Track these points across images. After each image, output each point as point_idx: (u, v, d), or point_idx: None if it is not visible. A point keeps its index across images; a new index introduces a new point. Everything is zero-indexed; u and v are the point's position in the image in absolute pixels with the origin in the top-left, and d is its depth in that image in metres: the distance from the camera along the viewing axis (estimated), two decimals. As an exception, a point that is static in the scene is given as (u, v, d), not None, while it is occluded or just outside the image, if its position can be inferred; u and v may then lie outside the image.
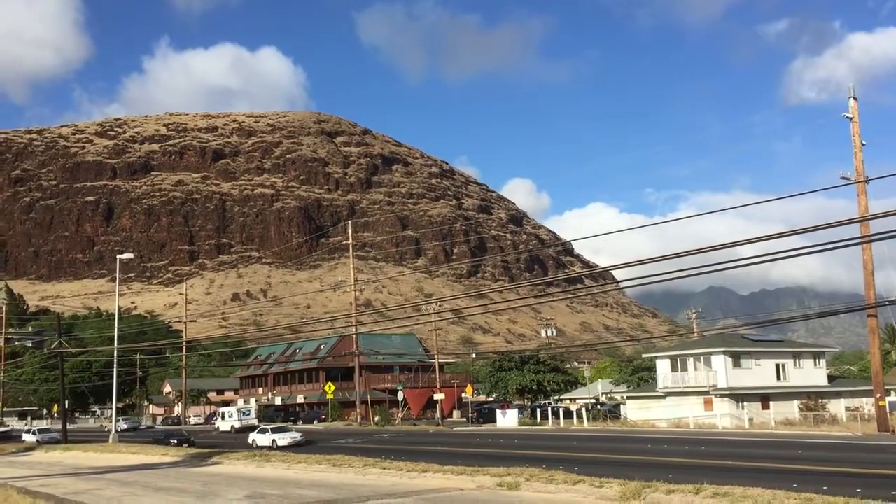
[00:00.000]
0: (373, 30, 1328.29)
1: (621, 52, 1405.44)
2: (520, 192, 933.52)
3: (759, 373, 67.79)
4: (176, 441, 59.31)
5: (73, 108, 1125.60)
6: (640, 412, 72.19)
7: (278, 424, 68.42)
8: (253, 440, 56.60)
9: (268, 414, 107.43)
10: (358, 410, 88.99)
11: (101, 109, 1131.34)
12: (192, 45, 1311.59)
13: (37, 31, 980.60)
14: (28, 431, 79.18)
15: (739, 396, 65.46)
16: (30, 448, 62.82)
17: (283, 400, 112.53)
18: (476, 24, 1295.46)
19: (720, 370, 65.72)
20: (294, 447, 51.06)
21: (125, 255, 75.33)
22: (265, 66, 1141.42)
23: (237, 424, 79.44)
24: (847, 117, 50.58)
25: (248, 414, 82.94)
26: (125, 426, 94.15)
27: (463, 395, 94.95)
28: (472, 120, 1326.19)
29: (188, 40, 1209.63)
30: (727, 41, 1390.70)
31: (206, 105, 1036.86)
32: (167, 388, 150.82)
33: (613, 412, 78.82)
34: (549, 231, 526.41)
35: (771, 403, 65.82)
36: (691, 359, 68.53)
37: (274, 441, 54.09)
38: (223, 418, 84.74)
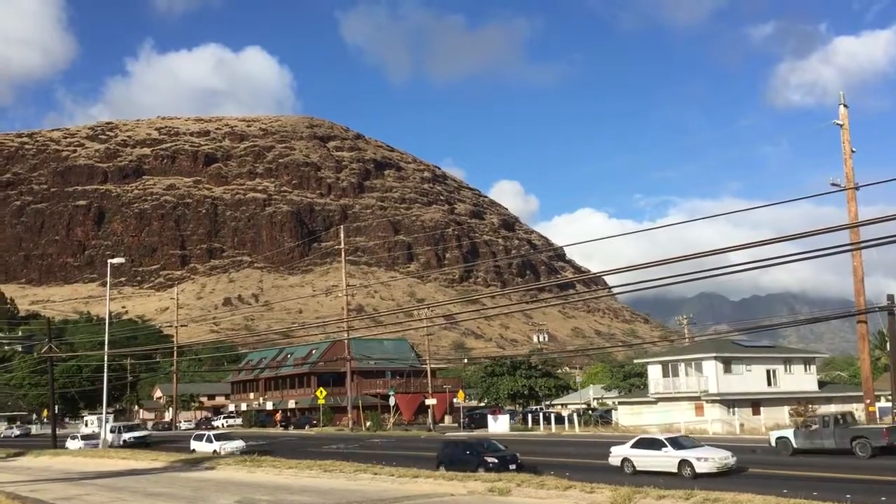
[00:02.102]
0: (357, 30, 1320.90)
1: (607, 54, 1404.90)
2: (507, 195, 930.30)
3: (749, 378, 67.99)
4: (496, 461, 34.00)
5: (57, 108, 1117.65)
6: (631, 417, 72.29)
7: (675, 433, 42.56)
8: (624, 460, 34.61)
9: (259, 419, 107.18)
10: (349, 415, 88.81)
11: (85, 111, 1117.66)
12: (176, 47, 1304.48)
13: (18, 30, 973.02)
14: (202, 437, 57.65)
15: (730, 402, 65.60)
16: (19, 453, 62.42)
17: (274, 405, 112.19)
18: (461, 25, 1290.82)
19: (711, 376, 65.88)
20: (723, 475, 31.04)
21: (116, 260, 75.14)
22: (251, 67, 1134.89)
23: (96, 429, 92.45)
24: (837, 124, 50.79)
25: (109, 422, 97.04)
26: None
27: (455, 400, 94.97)
28: (458, 121, 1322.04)
29: (171, 41, 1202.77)
30: (714, 44, 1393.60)
31: (193, 106, 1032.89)
32: (158, 393, 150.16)
33: (605, 417, 78.94)
34: (542, 236, 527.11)
35: (762, 409, 66.03)
36: (682, 364, 68.65)
37: (687, 464, 32.03)
38: (87, 425, 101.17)
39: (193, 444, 56.68)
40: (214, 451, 52.05)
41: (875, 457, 36.55)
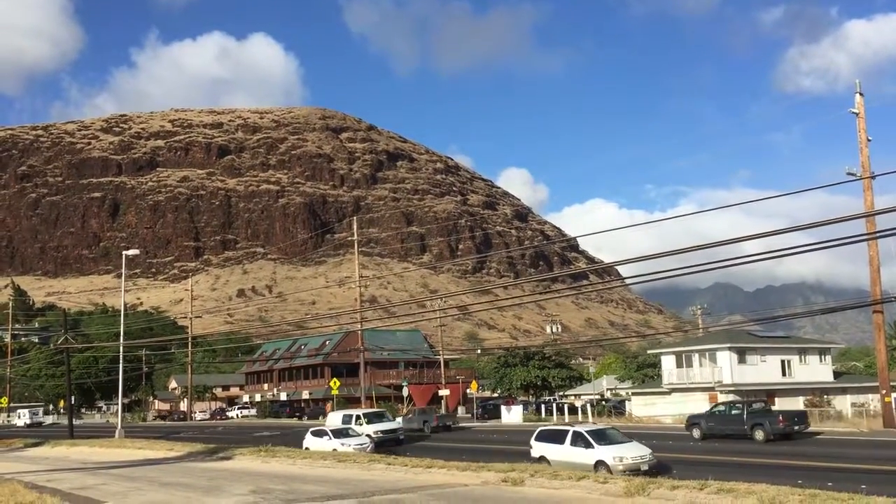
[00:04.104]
0: (361, 17, 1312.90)
1: (616, 41, 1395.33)
2: (516, 184, 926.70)
3: (764, 369, 67.68)
4: None
5: (63, 98, 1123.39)
6: (644, 408, 72.14)
7: None
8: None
9: (273, 409, 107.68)
10: (363, 406, 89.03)
11: (92, 101, 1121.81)
12: (180, 36, 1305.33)
13: (23, 19, 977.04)
14: (558, 437, 32.55)
15: (744, 392, 65.30)
16: (37, 443, 62.94)
17: (288, 395, 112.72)
18: (466, 12, 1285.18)
19: (725, 366, 65.62)
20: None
21: (131, 251, 75.27)
22: (257, 54, 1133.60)
23: (28, 421, 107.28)
24: (853, 113, 50.38)
25: (37, 414, 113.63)
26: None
27: (468, 390, 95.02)
28: (464, 109, 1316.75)
29: (176, 31, 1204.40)
30: (723, 29, 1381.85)
31: (200, 95, 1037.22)
32: (172, 384, 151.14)
33: (618, 408, 78.75)
34: (555, 227, 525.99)
35: (776, 399, 65.64)
36: (696, 355, 68.42)
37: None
38: (19, 417, 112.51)
39: (538, 448, 33.13)
40: (598, 461, 29.94)
41: (435, 432, 59.75)
